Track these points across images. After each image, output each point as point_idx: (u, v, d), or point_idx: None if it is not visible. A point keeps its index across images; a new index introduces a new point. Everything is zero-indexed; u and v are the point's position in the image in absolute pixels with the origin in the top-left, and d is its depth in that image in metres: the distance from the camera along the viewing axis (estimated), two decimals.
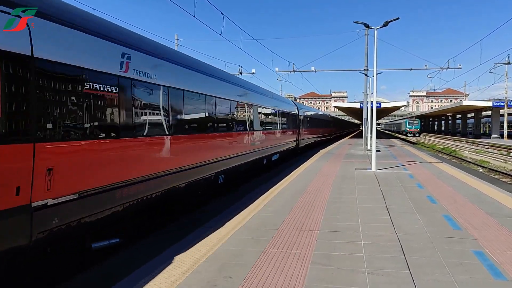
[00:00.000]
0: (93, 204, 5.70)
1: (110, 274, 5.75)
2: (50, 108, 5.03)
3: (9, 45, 4.37)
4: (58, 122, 5.12)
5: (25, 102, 4.59)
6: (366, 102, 28.82)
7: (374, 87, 17.36)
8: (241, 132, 13.62)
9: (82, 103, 5.57)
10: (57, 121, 5.10)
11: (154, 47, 8.28)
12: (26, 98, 4.59)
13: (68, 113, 5.32)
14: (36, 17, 4.79)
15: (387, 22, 17.40)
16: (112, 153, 6.15)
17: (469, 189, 10.59)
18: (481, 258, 5.19)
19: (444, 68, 34.92)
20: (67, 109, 5.33)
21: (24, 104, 4.59)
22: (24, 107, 4.59)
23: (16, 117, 4.49)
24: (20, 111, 4.55)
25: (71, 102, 5.41)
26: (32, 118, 4.67)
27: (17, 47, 4.50)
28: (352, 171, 14.81)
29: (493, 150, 33.94)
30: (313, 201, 9.09)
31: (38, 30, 4.80)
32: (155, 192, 7.46)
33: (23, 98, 4.56)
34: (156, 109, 7.76)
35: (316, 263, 5.07)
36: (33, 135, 4.68)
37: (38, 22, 4.82)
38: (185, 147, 8.94)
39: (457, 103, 58.55)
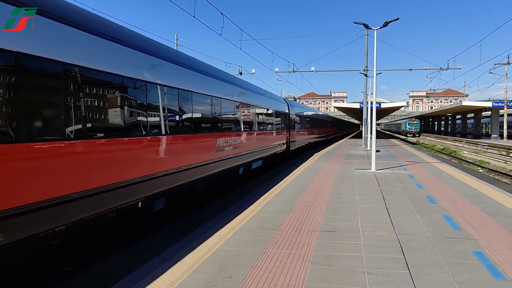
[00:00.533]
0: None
1: (110, 273, 5.75)
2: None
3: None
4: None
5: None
6: (366, 103, 28.82)
7: (374, 87, 17.36)
8: (197, 135, 9.93)
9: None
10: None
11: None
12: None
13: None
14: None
15: (386, 23, 17.41)
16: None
17: (468, 189, 10.59)
18: (481, 258, 5.19)
19: (444, 69, 34.90)
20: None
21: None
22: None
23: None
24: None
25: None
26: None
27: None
28: (352, 171, 14.81)
29: (493, 150, 33.95)
30: (313, 201, 9.09)
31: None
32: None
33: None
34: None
35: (316, 263, 5.08)
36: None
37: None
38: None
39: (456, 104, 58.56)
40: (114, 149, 6.45)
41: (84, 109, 5.76)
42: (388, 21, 17.37)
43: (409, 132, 74.44)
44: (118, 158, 6.55)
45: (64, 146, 5.30)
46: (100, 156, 6.07)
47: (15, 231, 4.57)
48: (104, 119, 6.36)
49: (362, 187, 11.09)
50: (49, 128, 5.18)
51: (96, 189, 5.83)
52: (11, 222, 4.45)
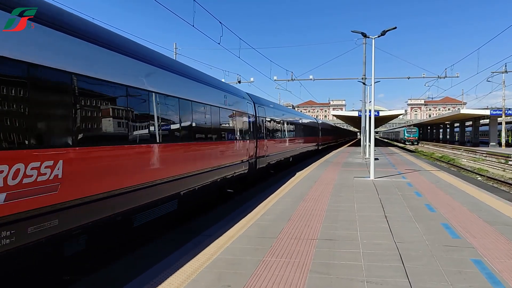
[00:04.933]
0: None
1: (109, 282, 5.72)
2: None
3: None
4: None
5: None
6: (364, 111, 28.94)
7: (372, 95, 17.48)
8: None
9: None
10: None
11: None
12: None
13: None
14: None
15: (384, 31, 17.56)
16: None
17: (467, 197, 10.60)
18: (480, 267, 5.19)
19: (442, 77, 35.13)
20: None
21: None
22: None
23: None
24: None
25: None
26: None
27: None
28: (350, 179, 14.82)
29: (491, 158, 34.04)
30: (311, 209, 9.09)
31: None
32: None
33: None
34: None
35: (314, 272, 5.06)
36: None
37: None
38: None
39: (455, 112, 58.89)
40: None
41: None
42: (386, 30, 17.52)
43: (408, 140, 74.61)
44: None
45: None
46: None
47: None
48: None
49: (361, 195, 11.09)
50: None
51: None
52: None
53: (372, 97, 17.40)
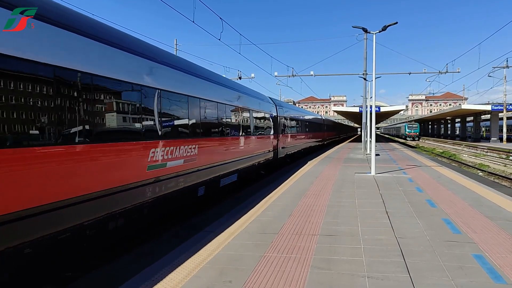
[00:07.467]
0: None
1: (110, 279, 5.74)
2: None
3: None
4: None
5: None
6: (365, 106, 28.87)
7: (373, 91, 17.41)
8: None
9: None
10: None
11: None
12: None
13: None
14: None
15: (385, 27, 17.48)
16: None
17: (468, 193, 10.60)
18: (481, 262, 5.19)
19: (443, 72, 34.98)
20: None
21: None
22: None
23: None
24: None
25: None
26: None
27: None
28: (351, 175, 14.82)
29: (492, 153, 33.98)
30: (313, 205, 9.10)
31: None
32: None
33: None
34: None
35: (316, 267, 5.08)
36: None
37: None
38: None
39: (456, 107, 58.61)
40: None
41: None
42: (387, 25, 17.43)
43: (409, 135, 74.53)
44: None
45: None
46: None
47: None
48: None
49: (362, 191, 11.10)
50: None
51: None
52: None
53: (373, 92, 17.33)
